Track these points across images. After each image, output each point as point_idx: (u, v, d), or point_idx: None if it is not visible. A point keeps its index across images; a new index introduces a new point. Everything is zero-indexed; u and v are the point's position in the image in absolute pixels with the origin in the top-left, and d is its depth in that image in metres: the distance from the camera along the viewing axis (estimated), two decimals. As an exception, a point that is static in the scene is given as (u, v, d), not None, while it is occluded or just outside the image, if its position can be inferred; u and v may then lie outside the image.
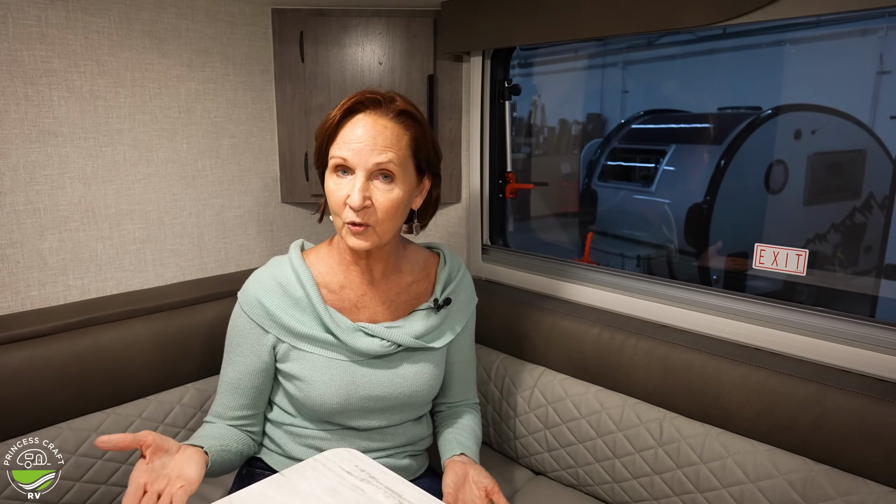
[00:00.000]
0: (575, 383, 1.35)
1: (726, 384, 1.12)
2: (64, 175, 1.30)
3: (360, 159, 0.99)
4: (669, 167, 3.21)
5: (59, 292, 1.33)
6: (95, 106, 1.32)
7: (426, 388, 1.14)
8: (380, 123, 1.01)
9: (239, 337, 1.11)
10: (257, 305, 1.09)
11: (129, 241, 1.41)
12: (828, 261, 2.63)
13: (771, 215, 2.83)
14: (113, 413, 1.25)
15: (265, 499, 0.88)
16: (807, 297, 2.37)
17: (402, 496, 0.88)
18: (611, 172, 3.42)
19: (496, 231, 1.68)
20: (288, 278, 1.09)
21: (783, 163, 2.86)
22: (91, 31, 1.29)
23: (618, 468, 1.26)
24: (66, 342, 1.21)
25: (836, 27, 2.66)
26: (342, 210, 1.01)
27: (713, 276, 2.73)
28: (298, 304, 1.08)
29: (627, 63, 3.99)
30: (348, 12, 1.57)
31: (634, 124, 3.57)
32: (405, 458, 1.18)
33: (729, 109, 3.27)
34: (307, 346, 1.08)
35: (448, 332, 1.18)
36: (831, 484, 0.99)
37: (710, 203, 2.90)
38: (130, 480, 0.86)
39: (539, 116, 3.76)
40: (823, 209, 2.80)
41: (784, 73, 2.99)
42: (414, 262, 1.19)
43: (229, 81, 1.53)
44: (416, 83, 1.59)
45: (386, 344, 1.09)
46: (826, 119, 2.84)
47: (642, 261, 3.08)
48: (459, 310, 1.21)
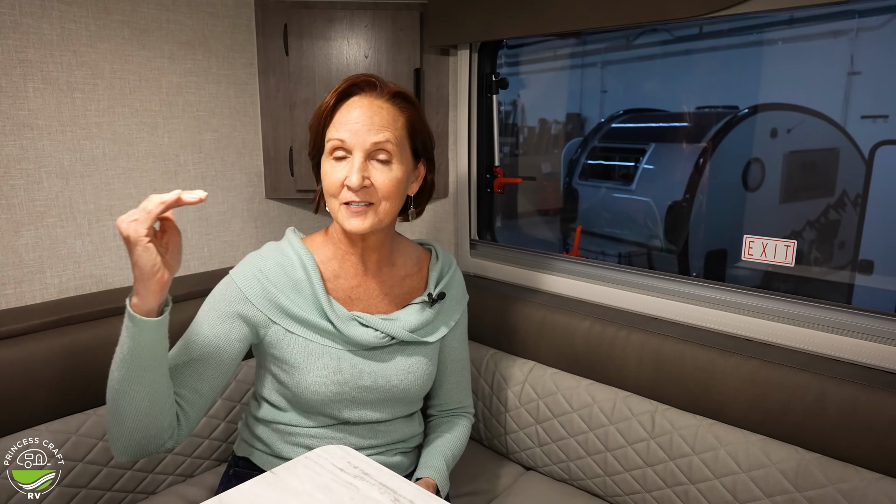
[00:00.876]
0: (566, 377, 1.34)
1: (718, 375, 1.12)
2: (40, 169, 1.26)
3: (358, 140, 0.99)
4: (649, 165, 3.24)
5: (35, 290, 1.28)
6: (73, 98, 1.28)
7: (419, 382, 1.13)
8: (375, 104, 1.02)
9: (214, 311, 1.02)
10: (254, 281, 1.03)
11: (109, 237, 1.37)
12: (804, 257, 2.68)
13: (749, 212, 2.88)
14: (94, 414, 1.21)
15: (256, 497, 0.85)
16: (785, 287, 2.42)
17: (396, 492, 0.87)
18: (591, 171, 3.44)
19: (484, 226, 1.67)
20: (289, 260, 1.07)
21: (760, 161, 2.90)
22: (67, 20, 1.25)
23: (610, 461, 1.26)
24: (45, 342, 1.17)
25: (809, 28, 2.71)
26: (339, 192, 1.00)
27: (693, 273, 2.77)
28: (297, 287, 1.06)
29: (606, 63, 4.03)
30: (334, 5, 1.54)
31: (614, 123, 3.60)
32: (396, 456, 1.16)
33: (707, 109, 3.32)
34: (301, 330, 1.05)
35: (442, 326, 1.17)
36: (823, 472, 1.00)
37: (690, 201, 2.94)
38: None
39: (519, 116, 3.77)
40: (799, 206, 2.85)
41: (760, 73, 3.05)
42: (407, 257, 1.18)
43: (212, 74, 1.49)
44: (402, 77, 1.58)
45: (380, 335, 1.08)
46: (801, 118, 2.89)
47: (623, 258, 3.11)
48: (452, 306, 1.20)
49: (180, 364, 1.00)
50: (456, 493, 1.34)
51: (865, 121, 2.83)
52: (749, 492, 1.07)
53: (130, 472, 1.25)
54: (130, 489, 1.26)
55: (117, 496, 1.24)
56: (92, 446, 1.20)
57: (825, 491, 0.99)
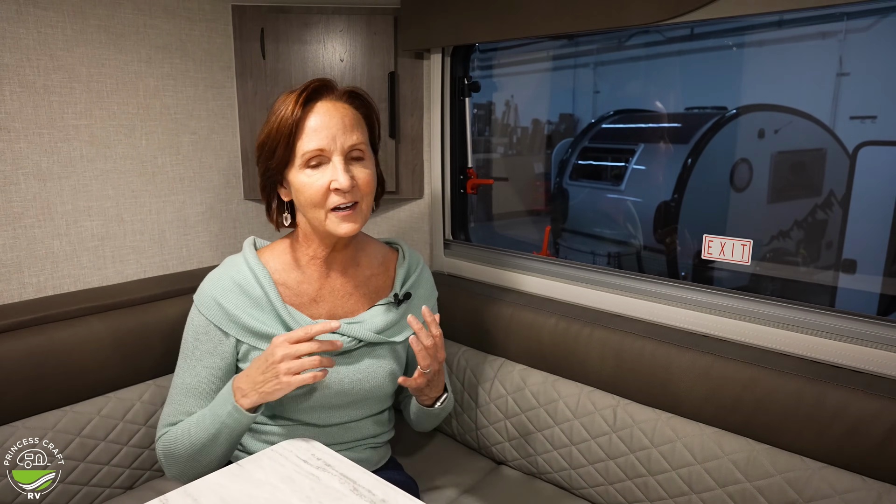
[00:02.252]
0: (533, 373, 1.38)
1: (674, 370, 1.16)
2: (18, 171, 1.28)
3: (336, 144, 1.01)
4: (638, 166, 3.27)
5: (13, 290, 1.31)
6: (50, 101, 1.31)
7: (388, 381, 1.15)
8: (339, 106, 1.04)
9: (198, 341, 1.09)
10: (215, 307, 1.08)
11: (86, 237, 1.40)
12: (791, 255, 2.71)
13: (737, 212, 2.90)
14: (70, 411, 1.24)
15: (220, 488, 0.89)
16: (773, 290, 2.45)
17: (356, 482, 0.90)
18: (581, 171, 3.47)
19: (458, 226, 1.71)
20: (245, 277, 1.09)
21: (748, 161, 2.93)
22: (44, 25, 1.28)
23: (574, 455, 1.30)
24: (21, 340, 1.20)
25: (798, 29, 2.75)
26: (324, 199, 1.01)
27: (682, 273, 2.80)
28: (257, 304, 1.08)
29: (598, 64, 4.06)
30: (309, 9, 1.58)
31: (604, 124, 3.63)
32: (366, 451, 1.19)
33: (696, 109, 3.35)
34: (266, 344, 1.07)
35: (407, 327, 1.19)
36: (771, 462, 1.04)
37: (678, 201, 2.97)
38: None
39: (512, 116, 3.80)
40: (786, 206, 2.88)
41: (749, 74, 3.08)
42: (372, 256, 1.20)
43: (189, 78, 1.52)
44: (377, 80, 1.61)
45: (347, 340, 1.09)
46: (788, 119, 2.92)
47: (612, 258, 3.14)
48: (419, 304, 1.21)
49: (194, 410, 1.10)
50: (428, 487, 1.37)
51: (854, 121, 2.87)
52: (703, 482, 1.11)
53: (107, 468, 1.28)
54: (107, 484, 1.29)
55: (94, 491, 1.26)
56: (69, 441, 1.22)
57: (773, 480, 1.03)
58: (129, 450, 1.30)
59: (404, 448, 1.51)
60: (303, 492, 0.88)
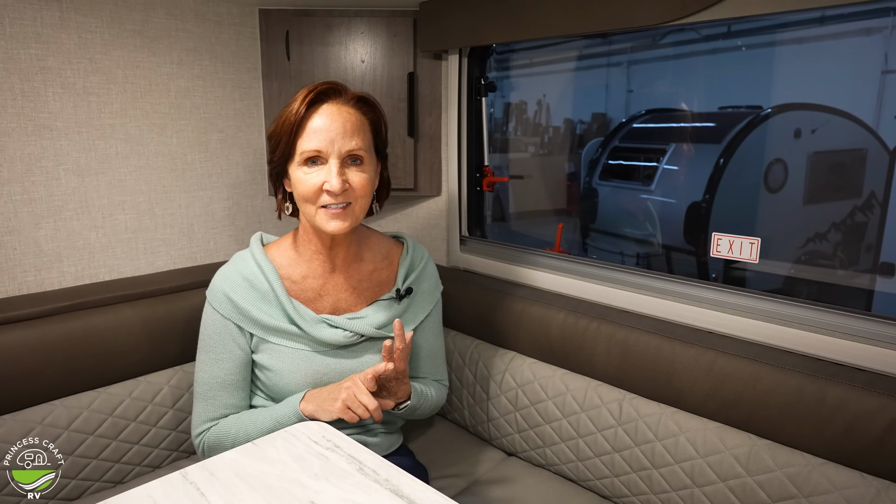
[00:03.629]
0: (543, 367, 1.41)
1: (678, 365, 1.18)
2: (59, 167, 1.37)
3: (334, 148, 1.05)
4: (669, 166, 3.25)
5: (53, 278, 1.40)
6: (88, 101, 1.39)
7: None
8: (344, 111, 1.07)
9: (217, 335, 1.15)
10: (226, 301, 1.13)
11: (121, 230, 1.49)
12: (827, 258, 2.66)
13: (770, 213, 2.86)
14: (104, 392, 1.32)
15: (235, 464, 0.95)
16: (808, 293, 2.40)
17: (362, 462, 0.95)
18: (611, 171, 3.45)
19: (474, 222, 1.75)
20: (253, 272, 1.14)
21: (783, 162, 2.89)
22: (84, 30, 1.36)
23: (581, 447, 1.33)
24: (60, 325, 1.28)
25: (840, 26, 2.69)
26: (317, 197, 1.06)
27: (712, 275, 2.77)
28: (265, 298, 1.13)
29: (632, 63, 4.03)
30: (332, 12, 1.64)
31: (635, 123, 3.61)
32: (377, 436, 1.24)
33: (730, 108, 3.31)
34: (275, 337, 1.13)
35: (411, 321, 1.23)
36: (772, 457, 1.05)
37: (709, 201, 2.94)
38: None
39: (543, 115, 3.80)
40: (823, 208, 2.83)
41: (786, 72, 3.01)
42: (376, 251, 1.24)
43: (217, 79, 1.60)
44: (396, 80, 1.66)
45: (349, 334, 1.14)
46: (826, 118, 2.86)
47: (641, 259, 3.12)
48: (423, 298, 1.25)
49: (237, 405, 1.18)
50: (439, 475, 1.42)
51: (896, 121, 2.79)
52: (705, 476, 1.13)
53: (137, 447, 1.35)
54: (137, 462, 1.37)
55: (125, 468, 1.35)
56: (102, 421, 1.30)
57: (773, 475, 1.04)
58: (158, 431, 1.38)
59: (418, 437, 1.56)
60: (311, 470, 0.93)
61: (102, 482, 1.32)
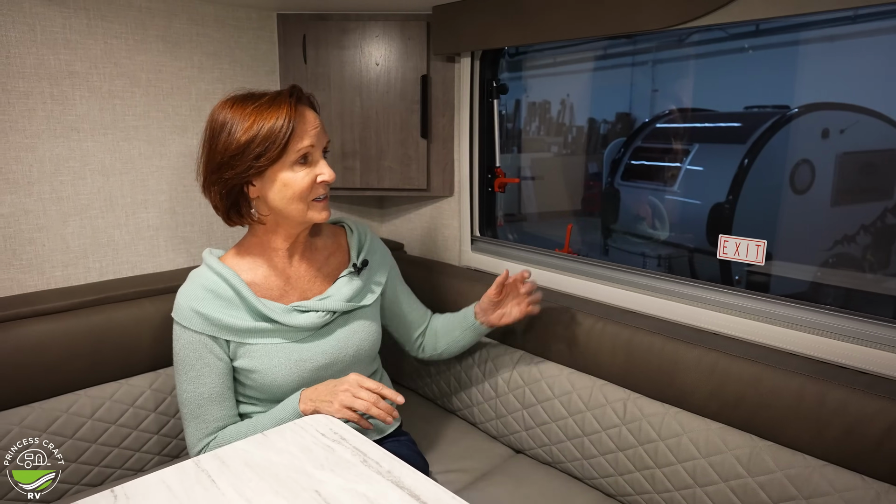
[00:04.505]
0: (549, 366, 1.43)
1: (682, 366, 1.19)
2: (85, 167, 1.43)
3: (319, 141, 1.14)
4: (693, 166, 3.22)
5: (80, 273, 1.47)
6: (113, 104, 1.45)
7: (368, 342, 1.27)
8: (309, 110, 1.15)
9: (194, 353, 1.16)
10: (196, 316, 1.14)
11: (143, 228, 1.55)
12: (856, 262, 2.61)
13: (796, 215, 2.82)
14: (126, 384, 1.38)
15: (245, 453, 0.99)
16: (834, 299, 2.36)
17: (366, 454, 0.98)
18: (634, 171, 3.44)
19: (485, 223, 1.77)
20: (214, 282, 1.16)
21: (809, 162, 2.84)
22: (110, 36, 1.42)
23: (586, 445, 1.34)
24: (84, 318, 1.34)
25: (874, 24, 2.63)
26: (309, 192, 1.13)
27: (735, 277, 2.74)
28: (231, 303, 1.16)
29: (657, 62, 3.99)
30: (347, 17, 1.67)
31: (659, 123, 3.58)
32: (369, 419, 1.27)
33: (755, 108, 3.26)
34: (250, 338, 1.16)
35: (374, 287, 1.31)
36: (773, 459, 1.06)
37: (733, 203, 2.91)
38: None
39: (567, 115, 3.79)
40: (852, 209, 2.78)
41: (816, 71, 2.96)
42: (326, 237, 1.31)
43: (237, 82, 1.65)
44: (410, 83, 1.69)
45: (321, 314, 1.19)
46: (856, 118, 2.82)
47: (662, 260, 3.10)
48: (379, 266, 1.34)
49: (228, 416, 1.20)
50: (445, 470, 1.45)
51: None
52: (707, 476, 1.14)
53: (157, 437, 1.41)
54: (156, 452, 1.42)
55: (145, 457, 1.40)
56: (124, 411, 1.36)
57: (774, 476, 1.05)
58: (176, 422, 1.43)
59: (426, 431, 1.59)
60: (317, 460, 0.97)
61: (124, 469, 1.37)
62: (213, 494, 0.88)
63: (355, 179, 1.76)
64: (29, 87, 1.33)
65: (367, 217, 2.04)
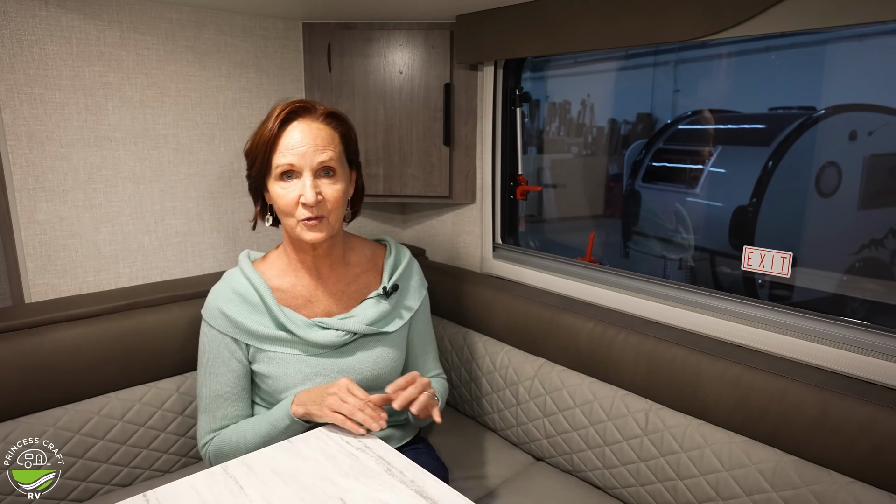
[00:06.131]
0: (571, 374, 1.43)
1: (705, 378, 1.18)
2: (117, 175, 1.47)
3: (306, 161, 1.10)
4: (716, 168, 3.18)
5: (111, 278, 1.50)
6: (144, 114, 1.49)
7: (386, 370, 1.24)
8: (314, 126, 1.13)
9: (215, 351, 1.20)
10: (221, 317, 1.19)
11: (171, 234, 1.58)
12: (885, 268, 2.56)
13: (822, 219, 2.77)
14: (154, 387, 1.41)
15: (272, 460, 1.01)
16: (861, 305, 2.29)
17: (390, 463, 1.00)
18: (655, 174, 3.41)
19: (507, 230, 1.78)
20: (243, 286, 1.19)
21: (836, 165, 2.80)
22: (141, 48, 1.46)
23: (608, 455, 1.34)
24: (116, 322, 1.38)
25: None
26: (295, 210, 1.12)
27: (758, 282, 2.70)
28: (256, 309, 1.18)
29: (680, 62, 3.95)
30: (372, 26, 1.69)
31: (681, 125, 3.55)
32: (386, 430, 1.28)
33: (780, 110, 3.21)
34: (269, 346, 1.18)
35: (402, 313, 1.28)
36: (798, 474, 1.05)
37: (756, 206, 2.88)
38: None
39: (587, 116, 3.77)
40: (881, 213, 2.73)
41: (844, 72, 2.90)
42: (360, 254, 1.30)
43: (263, 90, 1.68)
44: (433, 91, 1.71)
45: (341, 334, 1.19)
46: (885, 119, 2.76)
47: (684, 266, 3.07)
48: (410, 294, 1.31)
49: (237, 416, 1.22)
50: (465, 476, 1.46)
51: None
52: (730, 489, 1.13)
53: (183, 440, 1.44)
54: (183, 454, 1.45)
55: (171, 458, 1.43)
56: (153, 413, 1.39)
57: (799, 492, 1.04)
58: (203, 424, 1.46)
59: (447, 438, 1.60)
60: (342, 468, 0.99)
61: (152, 471, 1.41)
62: (240, 500, 0.90)
63: (378, 186, 1.78)
64: (64, 98, 1.37)
65: (390, 223, 2.06)
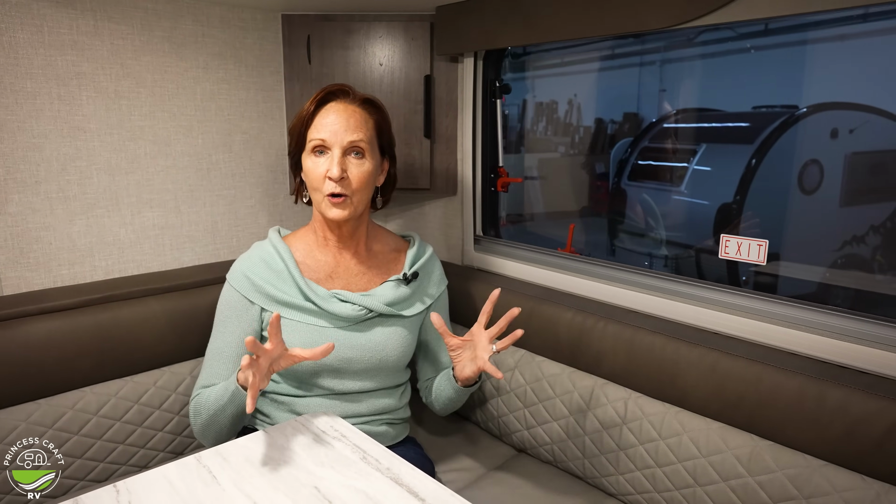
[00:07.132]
0: (551, 364, 1.43)
1: (683, 365, 1.19)
2: (91, 166, 1.45)
3: (336, 138, 1.17)
4: (700, 167, 3.21)
5: (86, 271, 1.48)
6: (119, 105, 1.47)
7: (396, 353, 1.26)
8: (349, 109, 1.20)
9: (229, 309, 1.25)
10: (244, 279, 1.24)
11: (148, 227, 1.56)
12: (866, 262, 2.59)
13: (804, 216, 2.81)
14: (130, 381, 1.39)
15: (246, 450, 1.00)
16: (843, 300, 2.33)
17: (365, 452, 0.99)
18: (641, 172, 3.43)
19: (488, 222, 1.78)
20: (270, 255, 1.26)
21: (818, 162, 2.83)
22: (116, 37, 1.44)
23: (587, 445, 1.34)
24: (90, 316, 1.36)
25: (884, 22, 2.61)
26: (322, 184, 1.18)
27: (742, 277, 2.73)
28: (280, 276, 1.23)
29: (665, 61, 3.97)
30: (352, 17, 1.68)
31: (665, 123, 3.57)
32: (382, 426, 1.29)
33: (763, 108, 3.24)
34: (287, 312, 1.22)
35: (418, 302, 1.32)
36: (773, 458, 1.06)
37: (740, 203, 2.90)
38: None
39: (574, 115, 3.78)
40: (862, 210, 2.76)
41: (826, 71, 2.93)
42: (384, 244, 1.35)
43: (241, 82, 1.66)
44: (413, 83, 1.70)
45: (358, 308, 1.23)
46: (866, 118, 2.80)
47: (669, 261, 3.09)
48: (430, 284, 1.35)
49: (222, 376, 1.23)
50: (448, 469, 1.46)
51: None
52: (707, 476, 1.14)
53: (161, 434, 1.42)
54: (161, 449, 1.43)
55: (150, 454, 1.41)
56: (129, 408, 1.37)
57: (774, 476, 1.05)
58: (181, 419, 1.45)
59: (430, 432, 1.60)
60: (318, 457, 0.98)
61: (129, 466, 1.39)
62: (213, 490, 0.89)
63: (359, 179, 1.76)
64: (36, 88, 1.34)
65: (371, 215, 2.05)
